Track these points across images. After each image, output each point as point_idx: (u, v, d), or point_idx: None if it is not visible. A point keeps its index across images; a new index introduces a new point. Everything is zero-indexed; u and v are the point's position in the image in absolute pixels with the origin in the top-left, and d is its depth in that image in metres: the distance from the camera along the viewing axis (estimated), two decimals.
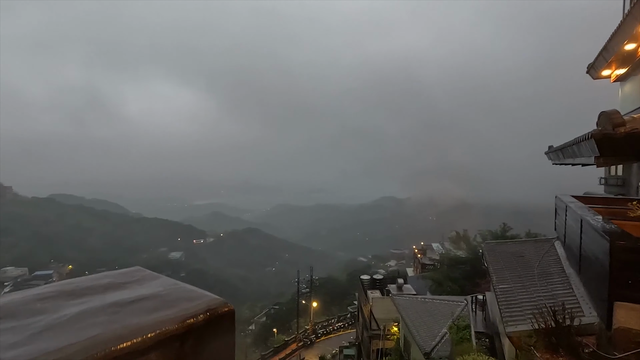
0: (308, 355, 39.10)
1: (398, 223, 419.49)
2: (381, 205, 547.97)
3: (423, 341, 16.82)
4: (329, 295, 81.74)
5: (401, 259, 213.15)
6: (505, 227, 32.66)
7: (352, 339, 40.41)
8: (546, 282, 7.75)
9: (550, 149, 10.22)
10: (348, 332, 46.64)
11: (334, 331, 47.59)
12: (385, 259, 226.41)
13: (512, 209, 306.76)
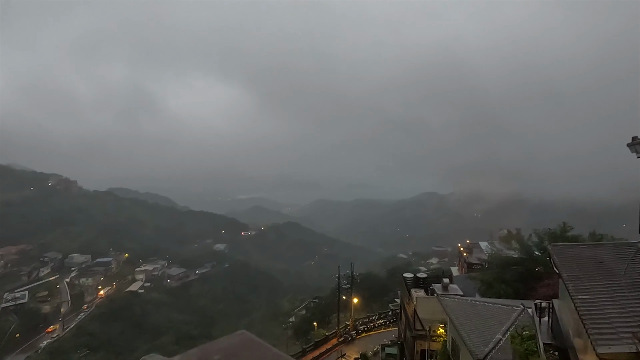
0: (349, 351, 38.84)
1: (440, 220, 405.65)
2: (422, 201, 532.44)
3: (475, 346, 15.78)
4: (368, 291, 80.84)
5: (443, 257, 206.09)
6: (566, 226, 29.87)
7: (393, 338, 39.51)
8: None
9: (636, 141, 8.91)
10: (389, 330, 45.72)
11: (374, 328, 46.89)
12: (426, 256, 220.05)
13: (570, 206, 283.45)
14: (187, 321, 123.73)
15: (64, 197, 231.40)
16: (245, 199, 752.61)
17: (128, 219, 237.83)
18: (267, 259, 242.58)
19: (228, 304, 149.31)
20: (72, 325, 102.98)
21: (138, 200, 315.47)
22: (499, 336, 16.09)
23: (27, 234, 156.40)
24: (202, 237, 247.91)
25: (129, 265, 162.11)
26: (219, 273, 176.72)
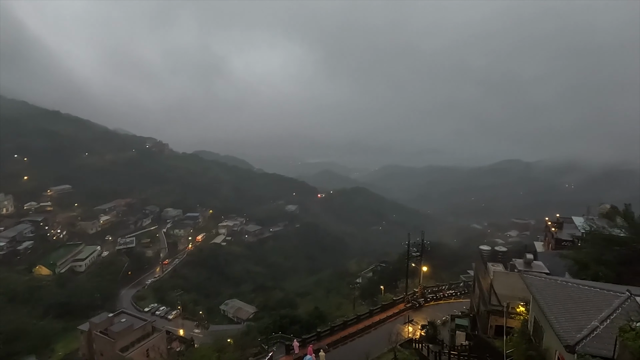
0: (416, 317, 38.79)
1: (523, 189, 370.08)
2: (503, 169, 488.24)
3: (564, 331, 14.30)
4: (438, 260, 78.76)
5: (524, 230, 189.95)
6: None
7: (464, 309, 38.30)
8: None
9: None
10: (460, 301, 44.39)
11: (444, 298, 45.91)
12: (504, 228, 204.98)
13: None
14: (262, 273, 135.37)
15: (158, 158, 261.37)
16: (314, 163, 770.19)
17: (211, 179, 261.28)
18: (335, 222, 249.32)
19: (298, 261, 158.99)
20: (169, 268, 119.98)
21: (219, 162, 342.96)
22: (596, 323, 14.35)
23: (131, 190, 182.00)
24: (275, 198, 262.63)
25: (212, 220, 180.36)
26: (290, 232, 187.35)
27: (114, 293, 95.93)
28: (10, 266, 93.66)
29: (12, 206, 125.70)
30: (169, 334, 64.44)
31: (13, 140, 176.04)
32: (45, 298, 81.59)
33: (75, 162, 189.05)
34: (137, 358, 49.57)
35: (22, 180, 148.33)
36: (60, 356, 62.21)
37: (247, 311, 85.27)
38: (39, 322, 71.75)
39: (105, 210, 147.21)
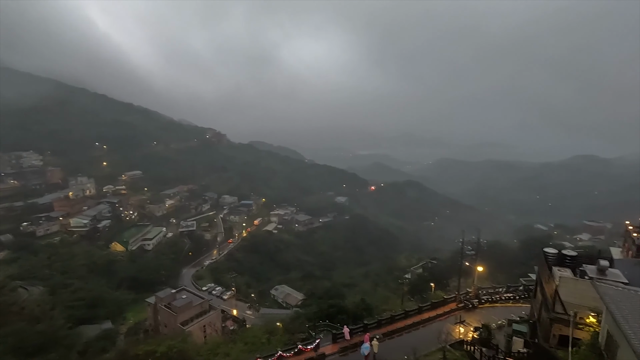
0: (469, 318, 37.08)
1: (598, 188, 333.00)
2: (574, 165, 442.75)
3: None
4: (495, 260, 74.32)
5: (598, 234, 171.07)
6: None
7: (523, 315, 35.79)
8: None
9: None
10: (519, 305, 41.47)
11: (500, 301, 43.20)
12: (574, 230, 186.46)
13: None
14: (311, 262, 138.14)
15: (217, 147, 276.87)
16: (365, 155, 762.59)
17: (264, 169, 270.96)
18: (385, 215, 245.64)
19: (346, 253, 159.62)
20: (225, 251, 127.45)
21: (272, 152, 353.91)
22: None
23: (193, 177, 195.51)
24: (325, 189, 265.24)
25: (265, 208, 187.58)
26: (340, 223, 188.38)
27: (176, 271, 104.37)
28: (92, 241, 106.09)
29: (94, 188, 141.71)
30: (224, 313, 68.72)
31: (94, 130, 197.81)
32: (119, 271, 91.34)
33: (145, 150, 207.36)
34: (195, 332, 53.60)
35: (102, 165, 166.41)
36: (131, 324, 69.44)
37: (295, 297, 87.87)
38: (114, 292, 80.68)
39: (170, 195, 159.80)
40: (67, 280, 76.50)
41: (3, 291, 59.08)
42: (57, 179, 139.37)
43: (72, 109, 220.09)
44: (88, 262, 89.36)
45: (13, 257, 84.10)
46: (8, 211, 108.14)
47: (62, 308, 61.89)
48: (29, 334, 44.14)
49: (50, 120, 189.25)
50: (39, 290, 67.14)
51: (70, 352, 41.57)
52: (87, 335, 55.54)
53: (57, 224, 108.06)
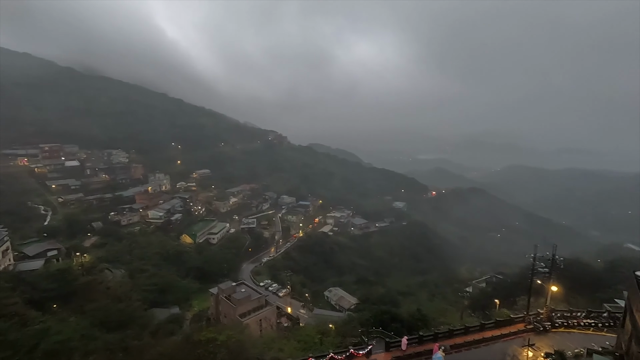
0: (539, 342, 33.63)
1: None
2: None
3: None
4: (573, 281, 66.40)
5: None
6: None
7: (607, 345, 31.46)
8: None
9: None
10: (601, 334, 36.58)
11: (577, 326, 38.52)
12: None
13: None
14: (366, 266, 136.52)
15: (277, 149, 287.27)
16: (426, 160, 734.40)
17: (322, 171, 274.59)
18: (445, 223, 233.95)
19: (403, 260, 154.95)
20: (281, 250, 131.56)
21: (330, 155, 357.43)
22: None
23: (255, 176, 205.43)
24: (383, 193, 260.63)
25: (321, 209, 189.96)
26: (397, 229, 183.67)
27: (236, 265, 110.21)
28: (165, 232, 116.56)
29: (169, 184, 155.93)
30: (279, 310, 70.96)
31: (172, 131, 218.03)
32: (187, 261, 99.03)
33: (214, 150, 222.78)
34: (252, 325, 56.08)
35: (176, 164, 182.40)
36: (195, 311, 74.88)
37: (349, 301, 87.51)
38: (182, 281, 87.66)
39: (234, 193, 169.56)
40: (143, 266, 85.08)
41: (94, 271, 67.61)
42: (139, 174, 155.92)
43: (154, 112, 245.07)
44: (161, 251, 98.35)
45: (102, 242, 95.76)
46: (100, 201, 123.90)
47: (139, 291, 68.92)
48: (112, 311, 49.91)
49: (136, 122, 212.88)
50: (121, 273, 75.65)
51: (143, 331, 46.01)
52: (158, 317, 61.09)
53: (138, 215, 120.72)
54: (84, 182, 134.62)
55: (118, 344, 34.81)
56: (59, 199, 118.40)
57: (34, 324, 35.51)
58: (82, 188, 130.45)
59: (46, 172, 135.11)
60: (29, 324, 35.31)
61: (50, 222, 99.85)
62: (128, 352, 32.79)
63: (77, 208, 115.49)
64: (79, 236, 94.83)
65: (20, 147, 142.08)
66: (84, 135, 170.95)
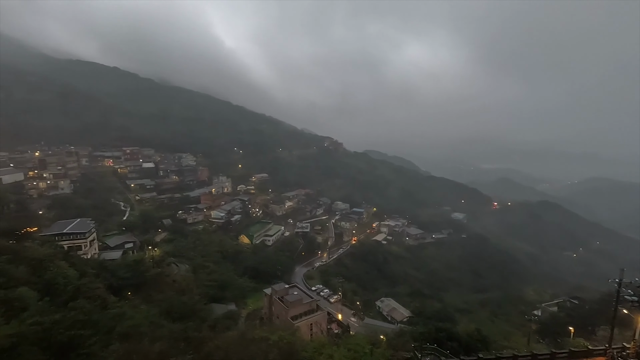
0: None
1: None
2: None
3: None
4: None
5: None
6: None
7: None
8: None
9: None
10: None
11: None
12: None
13: None
14: (420, 279, 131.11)
15: (333, 155, 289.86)
16: (490, 169, 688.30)
17: (377, 178, 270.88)
18: (510, 238, 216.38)
19: (461, 274, 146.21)
20: (334, 256, 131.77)
21: (386, 162, 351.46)
22: None
23: (310, 182, 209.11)
24: (441, 203, 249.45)
25: (375, 217, 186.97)
26: (455, 241, 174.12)
27: (290, 268, 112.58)
28: (225, 232, 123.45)
29: (230, 187, 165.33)
30: (329, 315, 70.91)
31: (234, 137, 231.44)
32: (244, 261, 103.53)
33: (272, 155, 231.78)
34: (303, 329, 56.73)
35: (237, 167, 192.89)
36: (250, 309, 77.82)
37: (401, 313, 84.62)
38: (239, 279, 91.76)
39: (290, 197, 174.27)
40: (205, 263, 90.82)
41: (162, 264, 73.75)
42: (205, 177, 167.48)
43: (219, 118, 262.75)
44: (221, 249, 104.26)
45: (170, 238, 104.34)
46: (170, 200, 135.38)
47: (200, 285, 73.60)
48: (176, 303, 53.85)
49: (203, 128, 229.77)
50: (185, 268, 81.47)
51: (202, 324, 48.91)
52: (216, 312, 64.52)
53: (202, 214, 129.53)
54: (157, 182, 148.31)
55: (180, 334, 37.36)
56: (137, 197, 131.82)
57: (112, 308, 39.67)
58: (156, 187, 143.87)
59: (127, 172, 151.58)
60: (109, 308, 39.54)
61: (129, 217, 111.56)
62: (189, 342, 35.03)
63: (151, 206, 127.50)
64: (151, 231, 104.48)
65: (107, 150, 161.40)
66: (158, 139, 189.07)
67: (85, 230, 71.25)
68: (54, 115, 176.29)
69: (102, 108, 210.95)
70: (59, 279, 40.36)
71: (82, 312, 31.53)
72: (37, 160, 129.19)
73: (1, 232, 49.19)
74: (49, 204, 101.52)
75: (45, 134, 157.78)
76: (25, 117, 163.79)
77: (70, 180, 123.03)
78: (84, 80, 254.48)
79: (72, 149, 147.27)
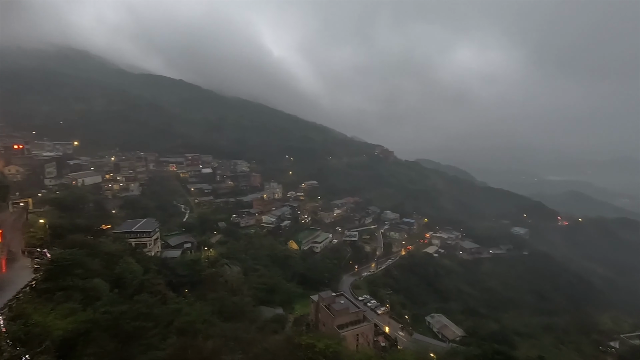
0: None
1: None
2: None
3: None
4: None
5: None
6: None
7: None
8: None
9: None
10: None
11: None
12: None
13: None
14: (475, 296, 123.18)
15: (383, 164, 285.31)
16: (557, 181, 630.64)
17: (429, 188, 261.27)
18: (581, 258, 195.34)
19: (521, 294, 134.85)
20: (382, 266, 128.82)
21: (439, 171, 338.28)
22: None
23: (359, 190, 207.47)
24: (499, 216, 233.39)
25: (426, 229, 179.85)
26: (515, 258, 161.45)
27: (337, 276, 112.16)
28: (275, 237, 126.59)
29: (281, 193, 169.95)
30: (376, 327, 69.27)
31: (286, 144, 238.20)
32: (292, 266, 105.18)
33: (322, 162, 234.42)
34: (349, 339, 56.00)
35: (288, 174, 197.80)
36: (297, 314, 78.76)
37: (453, 331, 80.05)
38: (287, 284, 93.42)
39: (338, 205, 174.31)
40: (255, 266, 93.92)
41: (216, 265, 77.57)
42: (257, 182, 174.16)
43: (271, 127, 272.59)
44: (271, 253, 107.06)
45: (224, 240, 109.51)
46: (225, 204, 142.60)
47: (250, 288, 76.14)
48: (227, 302, 56.18)
49: (257, 136, 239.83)
50: (237, 270, 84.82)
51: (251, 325, 50.46)
52: (265, 315, 66.22)
53: (254, 218, 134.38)
54: (214, 187, 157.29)
55: (231, 333, 38.85)
56: (195, 200, 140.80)
57: (171, 304, 42.49)
58: (213, 192, 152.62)
59: (188, 176, 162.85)
60: (168, 303, 42.41)
61: (188, 218, 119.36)
62: (238, 342, 36.30)
63: (208, 209, 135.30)
64: (207, 233, 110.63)
65: (172, 156, 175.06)
66: (216, 146, 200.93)
67: (151, 229, 77.44)
68: (127, 124, 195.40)
69: (168, 117, 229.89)
70: (127, 274, 44.21)
71: (146, 306, 34.16)
72: (113, 164, 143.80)
73: (82, 228, 55.17)
74: (120, 204, 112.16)
75: (119, 140, 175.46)
76: (104, 125, 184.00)
77: (139, 183, 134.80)
78: (152, 91, 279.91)
79: (141, 155, 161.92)
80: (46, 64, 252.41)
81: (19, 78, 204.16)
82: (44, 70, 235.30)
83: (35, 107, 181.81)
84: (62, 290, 30.78)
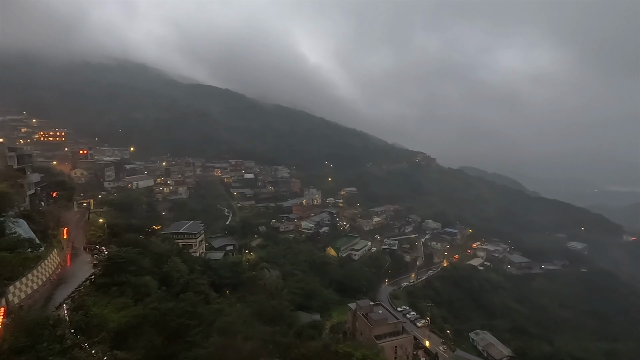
0: None
1: None
2: None
3: None
4: None
5: None
6: None
7: None
8: None
9: None
10: None
11: None
12: None
13: None
14: (525, 314, 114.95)
15: (425, 171, 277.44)
16: (621, 193, 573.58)
17: (474, 197, 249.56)
18: None
19: (579, 316, 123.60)
20: (422, 277, 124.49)
21: (485, 180, 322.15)
22: None
23: (399, 198, 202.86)
24: (552, 229, 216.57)
25: (470, 239, 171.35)
26: (571, 275, 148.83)
27: (375, 285, 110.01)
28: (313, 243, 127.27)
29: (320, 199, 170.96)
30: (416, 340, 66.86)
31: (326, 151, 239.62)
32: (330, 273, 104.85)
33: (362, 169, 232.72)
34: (387, 350, 54.53)
35: (327, 181, 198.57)
36: (334, 322, 78.20)
37: (500, 351, 75.09)
38: (325, 290, 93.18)
39: (378, 212, 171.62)
40: (294, 271, 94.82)
41: (256, 268, 79.44)
42: (297, 188, 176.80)
43: (312, 133, 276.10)
44: (309, 259, 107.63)
45: (264, 244, 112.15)
46: (266, 209, 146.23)
47: (288, 292, 76.88)
48: (266, 306, 57.14)
49: (298, 142, 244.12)
50: (276, 274, 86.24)
51: (289, 330, 50.86)
52: (302, 320, 66.41)
53: (293, 224, 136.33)
54: (256, 192, 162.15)
55: (269, 337, 39.43)
56: (238, 204, 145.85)
57: (214, 304, 44.05)
58: (254, 196, 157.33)
59: (231, 181, 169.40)
60: (210, 303, 44.02)
61: (230, 222, 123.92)
62: (276, 346, 36.77)
63: (250, 213, 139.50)
64: (248, 236, 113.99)
65: (217, 161, 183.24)
66: (258, 152, 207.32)
67: (196, 231, 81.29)
68: (177, 131, 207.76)
69: (214, 124, 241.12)
70: (174, 273, 46.57)
71: (190, 304, 35.70)
72: (164, 169, 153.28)
73: (136, 228, 59.15)
74: (170, 206, 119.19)
75: (170, 146, 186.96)
76: (156, 133, 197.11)
77: (187, 186, 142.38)
78: (200, 101, 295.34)
79: (189, 160, 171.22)
80: (108, 77, 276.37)
81: (86, 90, 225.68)
82: (107, 82, 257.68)
83: (99, 116, 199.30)
84: (116, 285, 33.06)
